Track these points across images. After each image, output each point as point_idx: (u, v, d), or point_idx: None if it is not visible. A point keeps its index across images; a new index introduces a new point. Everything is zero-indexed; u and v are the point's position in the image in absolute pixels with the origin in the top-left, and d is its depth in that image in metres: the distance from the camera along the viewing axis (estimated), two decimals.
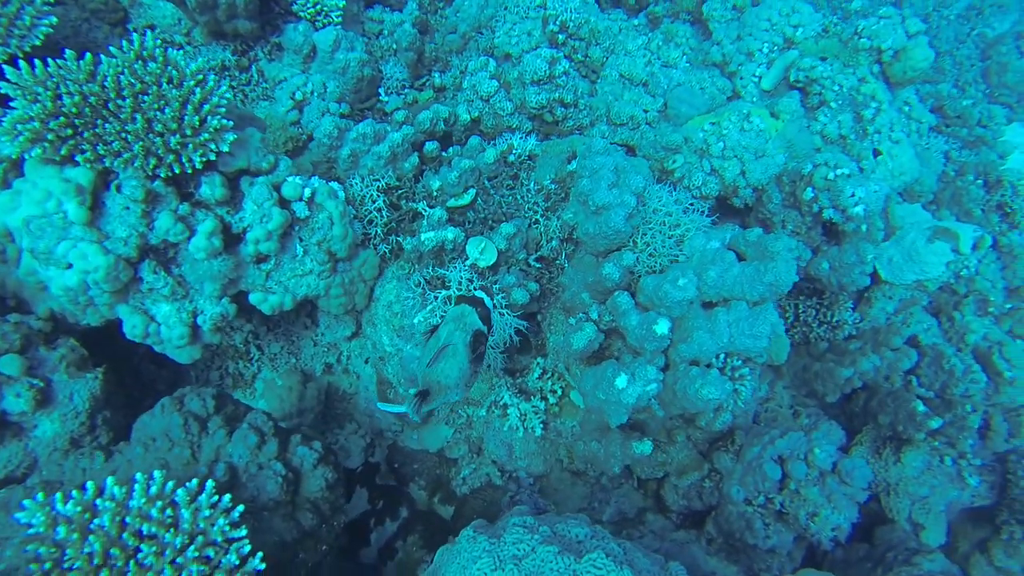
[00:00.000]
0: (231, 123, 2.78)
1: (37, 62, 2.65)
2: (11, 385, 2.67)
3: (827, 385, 4.31)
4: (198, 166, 2.75)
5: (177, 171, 2.73)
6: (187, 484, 2.31)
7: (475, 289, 2.82)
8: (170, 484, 2.29)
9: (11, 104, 2.61)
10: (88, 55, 2.69)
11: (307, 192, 3.01)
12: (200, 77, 2.79)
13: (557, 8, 4.35)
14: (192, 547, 2.17)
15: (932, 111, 5.78)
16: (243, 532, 2.30)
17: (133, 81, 2.69)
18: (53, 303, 2.96)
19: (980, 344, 5.40)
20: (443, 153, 3.53)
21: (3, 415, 2.65)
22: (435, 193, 3.33)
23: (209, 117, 2.76)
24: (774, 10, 4.66)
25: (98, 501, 2.15)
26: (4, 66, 2.64)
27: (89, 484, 2.18)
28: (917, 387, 4.81)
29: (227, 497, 2.36)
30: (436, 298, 3.21)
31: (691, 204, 3.56)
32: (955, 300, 5.56)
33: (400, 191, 3.38)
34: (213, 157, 2.77)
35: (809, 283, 4.26)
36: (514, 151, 3.55)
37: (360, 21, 4.49)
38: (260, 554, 2.30)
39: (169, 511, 2.23)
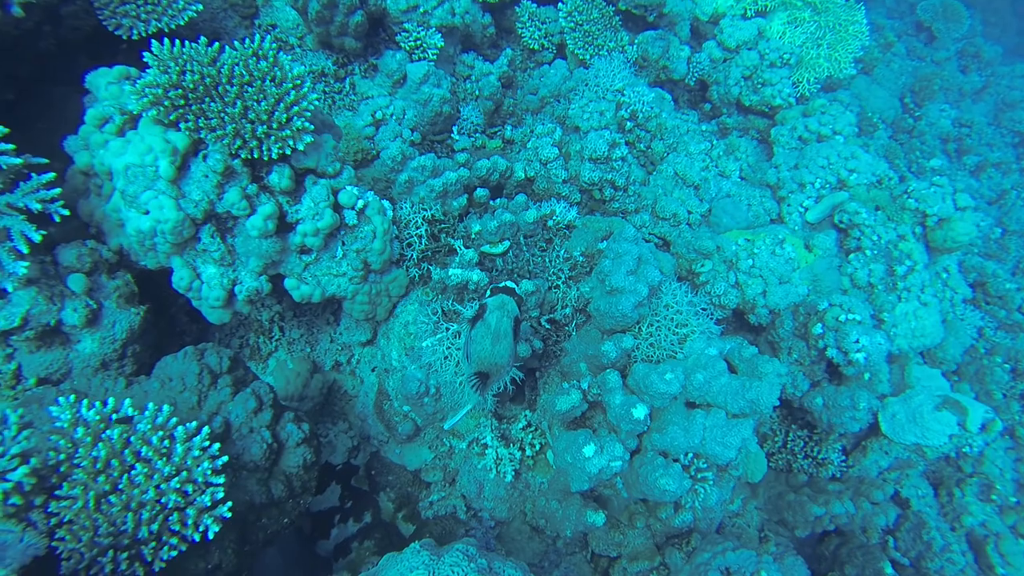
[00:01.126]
0: (312, 127, 3.16)
1: (176, 41, 3.11)
2: (72, 300, 3.06)
3: (797, 517, 4.34)
4: (274, 156, 3.13)
5: (256, 156, 3.12)
6: (187, 425, 2.60)
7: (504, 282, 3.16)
8: (173, 420, 2.58)
9: (146, 71, 3.07)
10: (216, 44, 3.15)
11: (360, 203, 3.36)
12: (298, 82, 3.21)
13: (632, 98, 4.72)
14: (176, 479, 2.44)
15: (973, 285, 5.86)
16: (221, 480, 2.55)
17: (244, 73, 3.12)
18: (124, 240, 3.36)
19: (976, 529, 5.31)
20: (491, 202, 3.85)
21: (59, 323, 3.03)
22: (473, 236, 3.64)
23: (295, 118, 3.16)
24: (834, 151, 4.92)
25: (113, 416, 2.47)
26: (152, 40, 3.12)
27: (110, 399, 2.50)
28: (893, 549, 4.78)
29: (216, 446, 2.63)
30: (447, 330, 3.49)
31: (704, 309, 3.76)
32: (959, 477, 5.50)
33: (443, 225, 3.71)
34: (288, 152, 3.15)
35: (803, 414, 4.36)
36: (555, 217, 3.86)
37: (453, 62, 4.96)
38: (229, 503, 2.54)
39: (167, 443, 2.51)
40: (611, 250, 3.45)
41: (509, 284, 2.87)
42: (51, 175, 3.03)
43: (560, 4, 5.34)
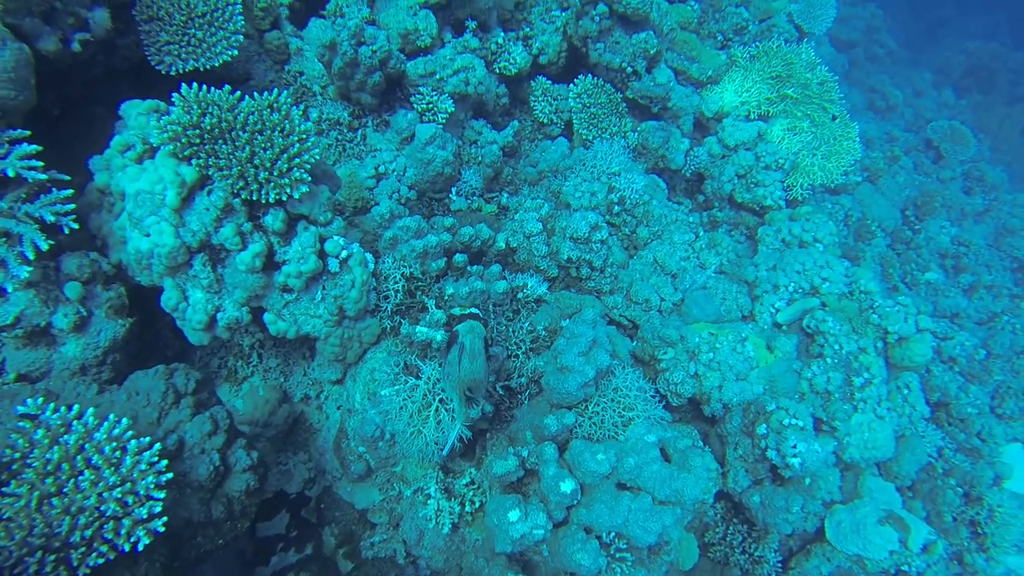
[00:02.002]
0: (309, 178, 3.44)
1: (204, 86, 3.45)
2: (65, 305, 3.34)
3: None
4: (271, 200, 3.42)
5: (255, 198, 3.41)
6: (140, 439, 2.81)
7: (468, 309, 3.53)
8: (129, 433, 2.80)
9: (171, 108, 3.41)
10: (237, 92, 3.48)
11: (344, 254, 3.64)
12: (303, 136, 3.51)
13: (623, 184, 5.01)
14: (119, 489, 2.64)
15: (937, 404, 5.96)
16: (161, 495, 2.73)
17: (257, 122, 3.44)
18: (124, 256, 3.65)
19: None
20: (469, 267, 4.11)
21: (49, 325, 3.30)
22: (446, 297, 3.89)
23: (295, 168, 3.45)
24: (811, 258, 5.14)
25: (75, 422, 2.69)
26: (182, 82, 3.47)
27: (75, 406, 2.73)
28: None
29: (164, 463, 2.83)
30: (406, 383, 3.70)
31: (654, 395, 3.92)
32: None
33: (419, 283, 3.97)
34: (284, 198, 3.45)
35: (745, 510, 4.46)
36: (525, 290, 4.10)
37: (463, 126, 5.30)
38: (165, 519, 2.72)
39: (118, 453, 2.72)
40: (568, 330, 3.67)
41: (474, 310, 3.17)
42: (69, 191, 3.34)
43: (572, 84, 5.72)
